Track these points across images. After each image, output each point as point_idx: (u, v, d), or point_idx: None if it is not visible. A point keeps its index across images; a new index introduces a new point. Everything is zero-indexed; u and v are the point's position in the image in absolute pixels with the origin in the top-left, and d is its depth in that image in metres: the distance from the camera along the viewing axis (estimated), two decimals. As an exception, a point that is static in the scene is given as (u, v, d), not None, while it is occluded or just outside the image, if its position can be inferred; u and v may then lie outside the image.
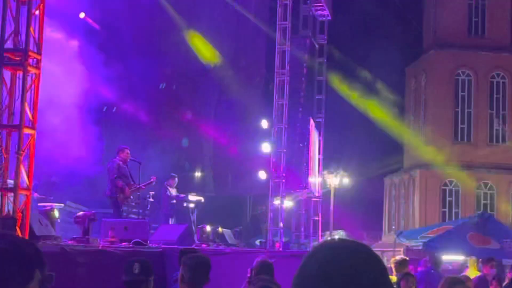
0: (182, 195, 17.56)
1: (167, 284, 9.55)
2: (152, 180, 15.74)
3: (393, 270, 9.54)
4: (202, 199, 18.21)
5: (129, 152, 14.88)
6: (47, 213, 12.74)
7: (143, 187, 15.10)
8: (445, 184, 36.29)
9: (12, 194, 9.90)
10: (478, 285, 10.00)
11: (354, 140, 29.58)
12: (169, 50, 22.42)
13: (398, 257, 10.27)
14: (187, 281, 5.73)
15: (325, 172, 25.52)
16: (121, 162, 14.58)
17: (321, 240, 21.73)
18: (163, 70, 22.82)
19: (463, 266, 15.11)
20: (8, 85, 10.27)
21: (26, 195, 10.13)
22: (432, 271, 11.30)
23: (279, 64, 18.59)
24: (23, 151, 10.04)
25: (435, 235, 19.87)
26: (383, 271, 1.61)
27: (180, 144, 24.97)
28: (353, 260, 1.59)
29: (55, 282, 3.02)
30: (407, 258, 10.43)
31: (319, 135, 22.73)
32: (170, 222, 17.06)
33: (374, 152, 34.90)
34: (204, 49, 23.22)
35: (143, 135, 21.91)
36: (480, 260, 12.63)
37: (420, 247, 19.53)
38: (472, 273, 11.31)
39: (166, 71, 23.08)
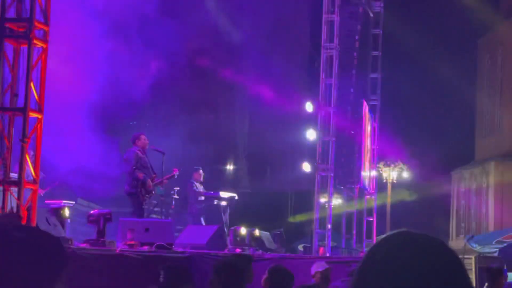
0: (214, 192, 17.66)
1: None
2: (174, 172, 15.88)
3: None
4: (236, 196, 18.30)
5: (146, 138, 15.03)
6: (56, 212, 12.91)
7: (166, 180, 15.25)
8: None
9: (16, 188, 10.10)
10: None
11: (415, 126, 29.33)
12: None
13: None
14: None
15: (380, 164, 25.45)
16: (139, 152, 14.72)
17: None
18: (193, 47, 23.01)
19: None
20: (11, 61, 10.41)
21: (32, 189, 10.29)
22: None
23: (327, 37, 18.50)
24: (29, 139, 10.19)
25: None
26: (461, 270, 1.62)
27: (209, 132, 25.14)
28: (425, 254, 1.62)
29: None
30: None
31: (374, 120, 22.60)
32: (201, 223, 17.23)
33: (439, 140, 34.59)
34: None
35: (167, 121, 22.09)
36: None
37: (495, 254, 19.61)
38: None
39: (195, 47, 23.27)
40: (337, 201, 20.04)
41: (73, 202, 16.26)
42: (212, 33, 23.46)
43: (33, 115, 10.41)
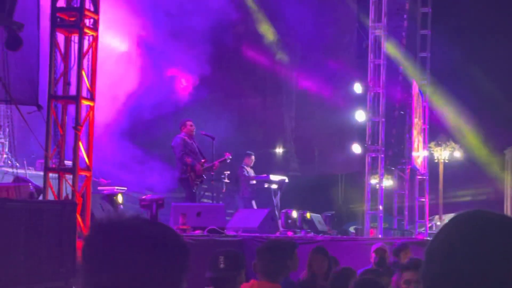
0: (264, 175, 17.73)
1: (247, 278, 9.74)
2: (226, 156, 16.01)
3: None
4: (286, 179, 18.36)
5: (192, 124, 15.17)
6: (110, 198, 13.16)
7: (217, 163, 15.38)
8: None
9: (71, 175, 10.30)
10: None
11: (467, 104, 28.89)
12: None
13: None
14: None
15: (431, 144, 25.19)
16: (186, 137, 14.88)
17: (428, 225, 21.53)
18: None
19: None
20: (63, 50, 10.59)
21: (86, 176, 10.47)
22: None
23: (374, 16, 18.36)
24: (82, 126, 10.35)
25: None
26: None
27: (257, 116, 25.16)
28: (504, 232, 1.64)
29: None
30: None
31: (424, 100, 22.39)
32: (252, 207, 17.32)
33: (492, 118, 33.99)
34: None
35: (216, 106, 22.20)
36: None
37: None
38: None
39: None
40: (388, 182, 19.91)
41: (125, 188, 16.46)
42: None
43: (85, 103, 10.57)
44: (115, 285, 2.00)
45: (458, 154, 27.95)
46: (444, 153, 27.06)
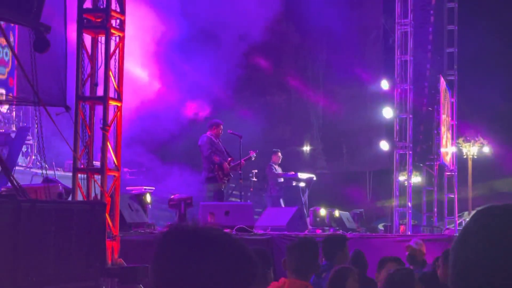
0: (292, 173, 17.69)
1: (276, 276, 9.74)
2: (251, 154, 16.00)
3: None
4: (314, 177, 18.30)
5: (222, 128, 15.18)
6: (138, 198, 13.21)
7: (243, 162, 15.38)
8: None
9: (99, 176, 10.35)
10: None
11: (496, 99, 28.65)
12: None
13: None
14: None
15: (460, 140, 24.99)
16: (213, 137, 14.89)
17: (457, 221, 21.36)
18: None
19: None
20: (89, 51, 10.64)
21: (115, 176, 10.52)
22: None
23: (401, 12, 18.27)
24: (109, 127, 10.39)
25: None
26: None
27: (284, 114, 25.10)
28: None
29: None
30: None
31: (452, 95, 22.23)
32: (280, 205, 17.29)
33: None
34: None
35: (242, 104, 22.19)
36: None
37: None
38: None
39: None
40: (416, 178, 19.82)
41: (154, 188, 16.50)
42: (286, 12, 23.42)
43: (112, 103, 10.60)
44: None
45: (486, 149, 27.74)
46: (472, 149, 26.86)
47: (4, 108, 17.06)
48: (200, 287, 2.02)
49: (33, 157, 17.02)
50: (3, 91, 13.72)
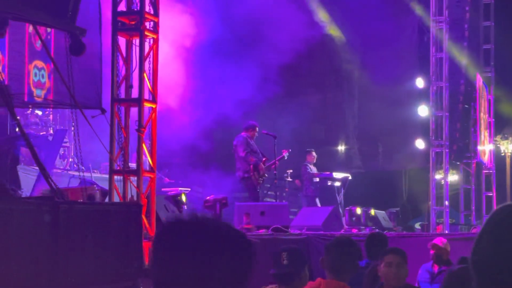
0: (327, 173, 17.69)
1: (312, 276, 9.77)
2: (283, 154, 16.05)
3: None
4: (349, 176, 18.28)
5: (258, 130, 15.25)
6: (174, 199, 13.29)
7: (277, 162, 15.43)
8: None
9: (135, 177, 10.45)
10: None
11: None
12: None
13: None
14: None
15: (497, 137, 24.74)
16: (248, 138, 14.96)
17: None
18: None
19: None
20: (124, 54, 10.75)
21: (151, 177, 10.61)
22: None
23: (435, 9, 18.14)
24: (145, 128, 10.50)
25: None
26: None
27: (319, 113, 25.08)
28: None
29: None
30: None
31: (489, 92, 22.02)
32: (315, 205, 17.29)
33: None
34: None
35: (276, 104, 22.22)
36: None
37: None
38: None
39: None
40: (453, 177, 19.66)
41: (189, 189, 16.64)
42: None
43: (147, 105, 10.70)
44: (183, 282, 2.04)
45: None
46: (510, 146, 26.57)
47: (41, 111, 17.32)
48: (198, 275, 2.04)
49: (70, 159, 17.23)
50: (40, 94, 13.84)
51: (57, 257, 7.29)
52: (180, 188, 15.45)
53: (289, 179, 17.73)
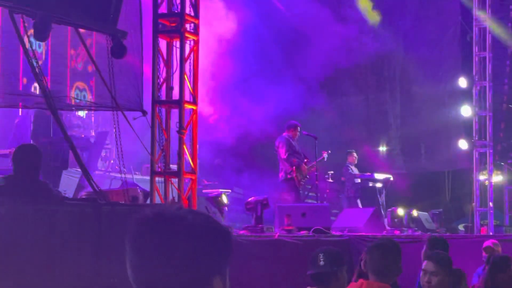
0: (369, 173, 17.64)
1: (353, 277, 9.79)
2: (323, 155, 16.07)
3: None
4: (391, 177, 18.22)
5: (299, 130, 15.27)
6: (215, 200, 13.40)
7: (317, 163, 15.48)
8: None
9: (176, 179, 10.56)
10: None
11: None
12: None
13: None
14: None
15: (543, 137, 24.52)
16: (290, 138, 14.99)
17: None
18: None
19: None
20: (165, 56, 10.90)
21: (192, 179, 10.71)
22: None
23: (478, 6, 18.00)
24: (185, 130, 10.61)
25: None
26: None
27: (360, 114, 25.03)
28: None
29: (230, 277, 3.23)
30: None
31: (533, 92, 21.82)
32: (357, 206, 17.27)
33: None
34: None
35: (316, 105, 22.24)
36: None
37: None
38: None
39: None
40: (497, 177, 19.46)
41: (230, 190, 16.74)
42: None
43: (188, 106, 10.83)
44: (160, 273, 2.06)
45: None
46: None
47: (83, 113, 17.60)
48: (174, 265, 2.04)
49: (112, 161, 17.49)
50: (83, 96, 14.06)
51: (100, 259, 7.42)
52: (220, 190, 15.53)
53: (330, 180, 17.74)
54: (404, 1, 22.85)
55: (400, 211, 15.52)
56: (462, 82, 19.73)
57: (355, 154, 18.32)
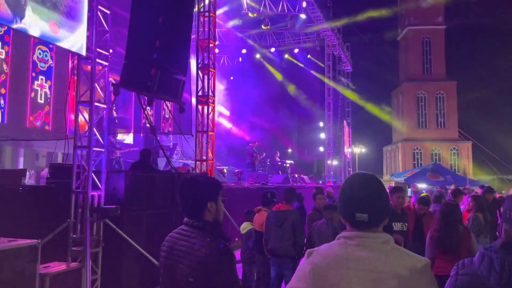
0: None
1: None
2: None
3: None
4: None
5: None
6: (221, 171, 19.54)
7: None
8: (414, 149, 68.26)
9: (205, 162, 13.19)
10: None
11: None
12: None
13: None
14: None
15: None
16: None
17: None
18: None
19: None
20: (201, 112, 13.46)
21: (211, 162, 13.45)
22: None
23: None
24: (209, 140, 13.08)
25: (411, 175, 32.98)
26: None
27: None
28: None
29: (227, 203, 8.51)
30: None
31: None
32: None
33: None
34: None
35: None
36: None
37: (402, 181, 29.80)
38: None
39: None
40: None
41: (227, 167, 22.20)
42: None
43: (210, 133, 13.70)
44: (183, 199, 3.34)
45: None
46: None
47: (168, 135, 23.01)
48: (187, 199, 3.27)
49: (179, 155, 22.75)
50: (166, 127, 21.65)
51: (174, 203, 9.38)
52: (224, 166, 20.64)
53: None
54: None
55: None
56: None
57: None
